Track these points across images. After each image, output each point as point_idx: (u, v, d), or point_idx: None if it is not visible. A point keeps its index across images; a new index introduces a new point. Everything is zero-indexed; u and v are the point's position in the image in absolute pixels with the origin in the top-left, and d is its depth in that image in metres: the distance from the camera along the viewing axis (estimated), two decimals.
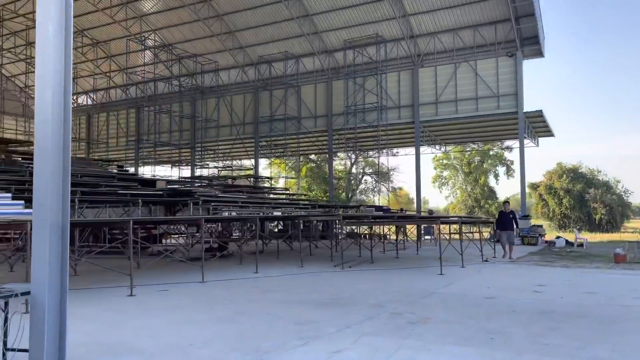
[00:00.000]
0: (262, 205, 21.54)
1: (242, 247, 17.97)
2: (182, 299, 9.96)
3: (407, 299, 9.95)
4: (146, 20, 37.28)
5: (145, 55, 39.39)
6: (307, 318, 8.10)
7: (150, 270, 14.83)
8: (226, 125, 39.32)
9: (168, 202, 19.20)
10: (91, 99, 45.45)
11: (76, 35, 39.01)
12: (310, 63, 36.50)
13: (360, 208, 31.52)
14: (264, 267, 15.83)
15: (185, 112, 40.40)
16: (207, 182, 29.52)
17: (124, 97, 43.27)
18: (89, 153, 45.20)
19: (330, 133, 35.85)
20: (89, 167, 26.04)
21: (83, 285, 11.76)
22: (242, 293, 10.74)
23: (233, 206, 19.48)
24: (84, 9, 37.02)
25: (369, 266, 16.25)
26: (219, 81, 39.42)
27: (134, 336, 6.92)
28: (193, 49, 38.11)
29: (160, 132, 41.27)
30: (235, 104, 39.20)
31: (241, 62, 37.74)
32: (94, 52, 40.97)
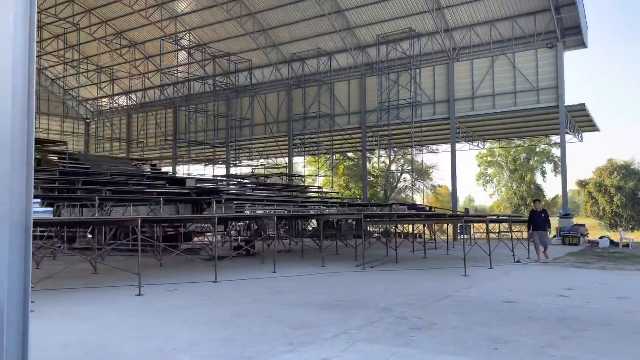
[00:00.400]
0: (288, 204, 21.32)
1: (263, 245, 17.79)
2: (187, 299, 9.81)
3: (420, 302, 9.46)
4: (181, 21, 37.75)
5: (181, 55, 39.92)
6: (306, 321, 7.76)
7: (168, 269, 14.83)
8: (260, 124, 39.39)
9: (191, 200, 19.23)
10: (130, 99, 46.47)
11: (114, 37, 39.98)
12: (343, 59, 36.08)
13: (392, 206, 30.91)
14: (285, 266, 15.59)
15: (220, 111, 40.72)
16: (239, 180, 29.58)
17: (161, 97, 44.04)
18: (128, 152, 46.26)
19: (364, 130, 35.34)
20: (122, 166, 26.50)
21: (97, 283, 11.81)
22: (251, 294, 10.50)
23: (258, 204, 19.33)
24: (120, 11, 37.82)
25: (392, 266, 15.76)
26: (253, 80, 39.53)
27: (121, 338, 6.76)
28: (227, 48, 38.34)
29: (196, 131, 41.76)
30: (269, 102, 39.20)
31: (274, 60, 37.69)
32: (132, 53, 41.82)
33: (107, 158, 27.28)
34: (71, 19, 38.01)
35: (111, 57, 42.18)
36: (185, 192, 20.33)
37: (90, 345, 6.38)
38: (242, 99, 40.34)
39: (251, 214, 17.90)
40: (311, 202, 24.92)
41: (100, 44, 41.09)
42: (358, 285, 11.84)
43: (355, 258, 17.71)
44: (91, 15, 38.41)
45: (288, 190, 30.22)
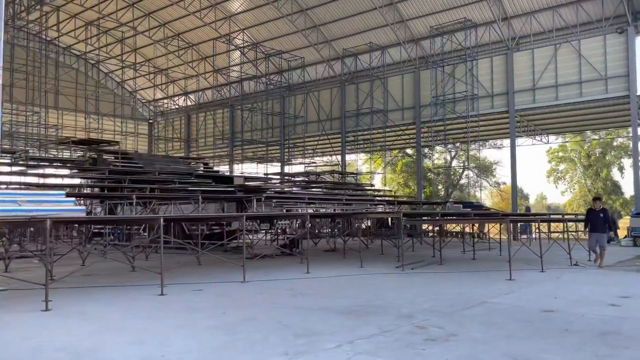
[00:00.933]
0: (332, 202, 20.86)
1: (308, 244, 17.45)
2: (206, 300, 9.59)
3: (448, 309, 8.74)
4: (235, 20, 38.15)
5: (235, 55, 40.37)
6: (314, 329, 7.29)
7: (203, 268, 14.77)
8: (313, 121, 39.15)
9: (234, 199, 19.18)
10: (189, 100, 47.60)
11: (172, 38, 41.00)
12: (397, 53, 35.14)
13: (446, 204, 29.72)
14: (321, 266, 15.17)
15: (274, 109, 40.85)
16: (288, 178, 29.45)
17: (217, 97, 44.79)
18: (188, 152, 47.43)
19: (418, 125, 34.28)
20: (175, 165, 26.99)
21: (128, 282, 11.86)
22: (272, 295, 10.15)
23: (301, 202, 19.00)
24: (178, 14, 38.71)
25: (435, 268, 14.95)
26: (306, 77, 39.34)
27: (116, 342, 6.56)
28: (280, 46, 38.37)
29: (252, 130, 42.13)
30: (322, 99, 38.88)
31: (327, 57, 37.32)
32: (189, 54, 42.76)
33: (161, 157, 27.95)
34: (132, 24, 39.35)
35: (167, 59, 43.31)
36: (230, 190, 20.34)
37: (81, 349, 6.21)
38: (296, 96, 40.27)
39: (286, 212, 17.59)
40: (358, 200, 24.33)
41: (160, 47, 42.27)
42: (388, 288, 11.22)
43: (397, 259, 16.98)
44: (150, 18, 39.58)
45: (338, 188, 29.79)
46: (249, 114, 41.93)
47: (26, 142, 27.84)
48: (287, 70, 39.62)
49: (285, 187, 27.21)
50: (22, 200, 11.26)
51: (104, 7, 37.58)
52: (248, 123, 42.08)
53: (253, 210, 17.58)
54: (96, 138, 30.53)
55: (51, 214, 11.30)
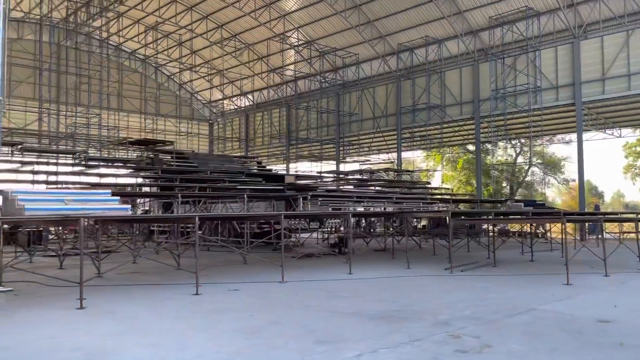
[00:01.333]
0: (382, 201, 20.31)
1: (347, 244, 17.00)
2: (237, 302, 9.42)
3: (490, 316, 8.10)
4: (289, 19, 38.18)
5: (291, 54, 40.45)
6: (339, 335, 6.91)
7: (247, 267, 14.67)
8: (368, 118, 38.56)
9: (283, 197, 19.05)
10: (247, 99, 48.23)
11: (229, 39, 41.65)
12: (454, 46, 33.92)
13: (507, 203, 28.34)
14: (366, 267, 14.72)
15: (330, 107, 40.59)
16: (340, 176, 29.10)
17: (274, 96, 45.07)
18: (246, 151, 48.10)
19: (477, 120, 32.91)
20: (229, 164, 27.30)
21: (168, 280, 11.91)
22: (306, 297, 9.84)
23: (349, 201, 18.61)
24: (234, 15, 39.24)
25: (487, 271, 14.13)
26: (361, 74, 38.81)
27: (133, 344, 6.48)
28: (334, 43, 38.04)
29: (308, 128, 42.11)
30: (377, 95, 38.20)
31: (381, 52, 36.63)
32: (247, 55, 43.26)
33: (216, 157, 28.39)
34: (191, 26, 40.27)
35: (223, 60, 44.01)
36: (278, 188, 20.26)
37: (97, 350, 6.15)
38: (350, 94, 39.82)
39: (331, 210, 17.23)
40: (411, 199, 23.59)
41: (218, 49, 43.05)
42: (431, 291, 10.64)
43: (449, 260, 16.22)
44: (207, 21, 40.37)
45: (392, 186, 29.13)
46: (304, 113, 41.89)
47: (87, 143, 29.13)
48: (342, 68, 39.23)
49: (337, 185, 26.89)
50: (69, 199, 11.55)
51: (163, 11, 38.68)
52: (303, 122, 42.07)
53: (300, 209, 17.36)
54: (152, 138, 31.42)
55: (94, 212, 11.54)
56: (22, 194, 11.17)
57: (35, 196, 11.30)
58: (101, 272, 13.22)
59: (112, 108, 38.72)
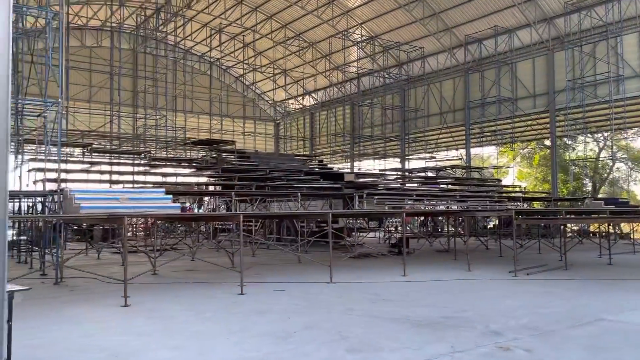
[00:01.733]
0: (444, 199, 19.42)
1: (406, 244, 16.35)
2: (279, 303, 9.14)
3: (549, 326, 7.30)
4: (352, 15, 37.72)
5: (354, 51, 39.96)
6: (375, 343, 6.43)
7: (301, 266, 14.39)
8: (435, 114, 37.38)
9: (334, 195, 18.66)
10: (312, 98, 48.26)
11: (293, 38, 41.79)
12: (526, 35, 32.09)
13: (585, 201, 26.39)
14: (423, 269, 14.05)
15: (395, 103, 39.74)
16: (403, 174, 28.30)
17: (338, 94, 44.75)
18: (311, 150, 48.16)
19: (552, 113, 30.97)
20: (289, 162, 27.29)
21: (219, 279, 11.86)
22: (350, 300, 9.40)
23: (408, 199, 17.92)
24: (297, 14, 39.32)
25: (555, 274, 13.03)
26: (427, 68, 37.69)
27: (158, 346, 6.33)
28: (399, 38, 37.19)
29: (372, 125, 41.50)
30: (444, 90, 36.95)
31: (448, 45, 35.33)
32: (311, 53, 43.26)
33: (277, 155, 28.46)
34: (255, 27, 40.82)
35: (286, 59, 44.26)
36: (335, 187, 19.90)
37: (123, 351, 6.06)
38: (416, 89, 38.77)
39: (381, 209, 16.60)
40: (477, 197, 22.41)
41: (283, 48, 43.36)
42: (488, 296, 9.86)
43: (514, 262, 15.18)
44: (272, 21, 40.72)
45: (459, 184, 27.97)
46: (368, 110, 41.29)
47: (155, 144, 30.23)
48: (407, 63, 38.28)
49: (402, 182, 26.15)
50: (124, 198, 11.79)
51: (229, 14, 39.42)
52: (367, 119, 41.47)
53: (355, 207, 16.90)
54: (214, 138, 32.02)
55: (144, 210, 11.69)
56: (79, 193, 11.51)
57: (91, 195, 11.60)
58: (156, 269, 13.42)
59: (179, 110, 39.98)
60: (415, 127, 38.88)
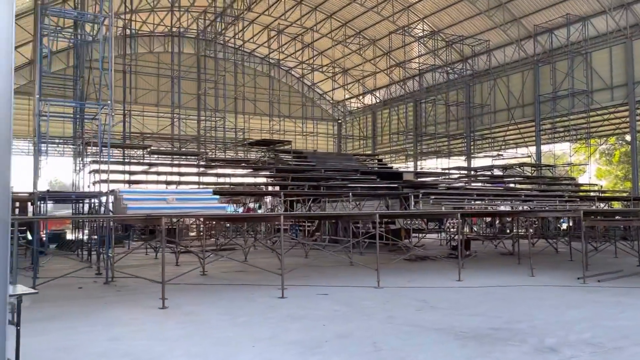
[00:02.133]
0: (507, 198, 18.26)
1: (467, 246, 15.47)
2: (318, 308, 8.74)
3: (612, 343, 6.46)
4: (413, 10, 36.71)
5: (416, 47, 38.88)
6: (410, 358, 5.87)
7: (352, 268, 13.91)
8: (502, 110, 35.66)
9: (397, 195, 18.00)
10: (374, 97, 47.54)
11: (353, 36, 41.30)
12: (601, 23, 29.85)
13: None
14: (483, 273, 13.21)
15: (460, 99, 38.31)
16: (468, 173, 27.10)
17: (401, 92, 43.75)
18: (374, 149, 47.47)
19: (632, 105, 28.60)
20: (347, 162, 26.87)
21: (265, 281, 11.63)
22: (395, 306, 8.84)
23: (468, 199, 16.98)
24: (357, 11, 38.81)
25: (630, 281, 11.79)
26: (493, 62, 36.03)
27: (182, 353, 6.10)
28: (463, 31, 35.79)
29: (437, 122, 40.25)
30: (512, 84, 35.15)
31: (515, 37, 33.55)
32: (372, 51, 42.59)
33: (336, 155, 28.08)
34: (316, 27, 40.68)
35: (348, 58, 43.81)
36: (392, 186, 19.25)
37: (145, 357, 5.86)
38: (482, 84, 37.16)
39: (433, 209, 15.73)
40: (546, 197, 20.91)
41: (344, 47, 42.97)
42: (547, 306, 8.97)
43: (585, 267, 13.95)
44: (332, 20, 40.42)
45: (530, 182, 26.46)
46: (432, 107, 40.06)
47: (215, 145, 30.70)
48: (471, 57, 36.78)
49: (463, 182, 25.05)
50: (171, 198, 11.82)
51: (289, 14, 39.53)
52: (430, 116, 40.26)
53: (411, 207, 16.20)
54: (271, 138, 32.08)
55: (189, 211, 11.66)
56: (127, 194, 11.64)
57: (138, 195, 11.71)
58: (206, 270, 13.42)
59: (240, 112, 40.52)
60: (481, 124, 37.29)
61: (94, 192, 12.75)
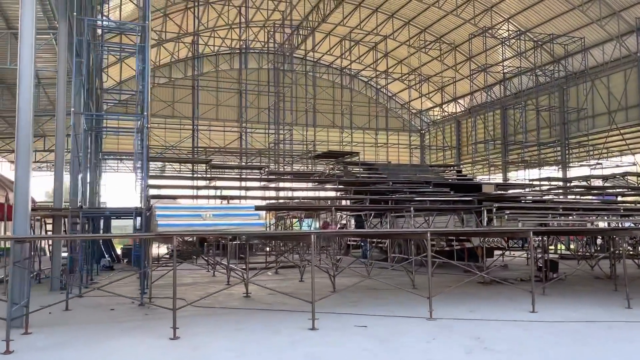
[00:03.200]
0: (604, 212, 15.68)
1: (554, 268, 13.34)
2: (347, 346, 7.43)
3: None
4: (497, 10, 34.22)
5: (502, 49, 36.15)
6: None
7: (411, 294, 12.34)
8: (602, 114, 32.07)
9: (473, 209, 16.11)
10: (458, 105, 45.06)
11: (434, 42, 39.39)
12: None
13: None
14: (567, 302, 11.14)
15: (552, 104, 35.04)
16: (559, 184, 24.27)
17: (487, 98, 40.96)
18: (458, 159, 44.92)
19: None
20: (422, 173, 25.15)
21: (300, 307, 10.44)
22: (437, 347, 7.29)
23: (553, 214, 14.73)
24: (435, 16, 37.01)
25: None
26: (590, 61, 32.60)
27: None
28: (554, 30, 32.75)
29: (526, 131, 37.19)
30: (613, 85, 31.51)
31: (615, 32, 30.03)
32: (453, 56, 40.39)
33: (410, 166, 26.28)
34: (392, 35, 39.31)
35: (425, 65, 41.79)
36: (468, 199, 17.33)
37: None
38: (577, 87, 33.71)
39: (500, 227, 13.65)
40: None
41: (423, 54, 41.12)
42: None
43: None
44: (410, 26, 38.78)
45: (633, 194, 23.18)
46: (521, 113, 37.06)
47: (283, 158, 29.87)
48: (564, 57, 33.54)
49: (554, 194, 22.41)
50: (208, 214, 11.06)
51: (364, 24, 38.51)
52: (518, 124, 37.23)
53: (483, 224, 14.31)
54: (338, 150, 30.86)
55: (227, 228, 10.83)
56: (161, 209, 11.00)
57: (171, 212, 11.03)
58: (249, 292, 12.49)
59: (312, 124, 39.87)
60: (577, 131, 33.80)
61: (130, 208, 12.30)
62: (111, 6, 26.27)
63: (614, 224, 16.90)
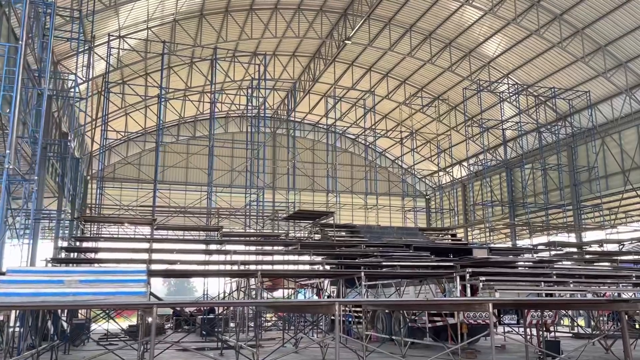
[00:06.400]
0: (613, 282, 12.70)
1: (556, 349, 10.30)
2: None
3: None
4: (495, 66, 32.45)
5: (502, 106, 34.03)
6: None
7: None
8: (615, 173, 29.28)
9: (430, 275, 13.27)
10: (463, 167, 42.60)
11: (431, 102, 37.63)
12: None
13: None
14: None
15: (561, 163, 32.39)
16: (561, 250, 21.27)
17: (492, 160, 38.38)
18: (466, 222, 41.96)
19: None
20: (410, 237, 22.48)
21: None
22: None
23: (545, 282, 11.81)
24: (431, 74, 35.44)
25: None
26: (598, 117, 30.24)
27: None
28: (556, 84, 30.72)
29: (535, 194, 34.47)
30: (625, 142, 28.92)
31: (623, 85, 27.77)
32: (454, 116, 38.43)
33: (396, 229, 23.40)
34: (389, 96, 37.72)
35: (424, 126, 39.81)
36: (448, 265, 14.51)
37: None
38: (586, 144, 31.15)
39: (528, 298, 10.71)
40: None
41: (422, 114, 39.27)
42: None
43: None
44: (406, 85, 37.12)
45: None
46: (529, 174, 34.44)
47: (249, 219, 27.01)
48: (570, 114, 31.25)
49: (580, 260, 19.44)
50: (72, 280, 8.58)
51: (359, 84, 37.12)
52: (528, 185, 34.52)
53: (456, 293, 11.43)
54: (310, 210, 28.23)
55: (91, 298, 8.28)
56: (11, 274, 8.54)
57: (27, 276, 8.53)
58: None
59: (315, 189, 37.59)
60: (589, 192, 30.88)
61: None
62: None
63: (626, 294, 13.79)
